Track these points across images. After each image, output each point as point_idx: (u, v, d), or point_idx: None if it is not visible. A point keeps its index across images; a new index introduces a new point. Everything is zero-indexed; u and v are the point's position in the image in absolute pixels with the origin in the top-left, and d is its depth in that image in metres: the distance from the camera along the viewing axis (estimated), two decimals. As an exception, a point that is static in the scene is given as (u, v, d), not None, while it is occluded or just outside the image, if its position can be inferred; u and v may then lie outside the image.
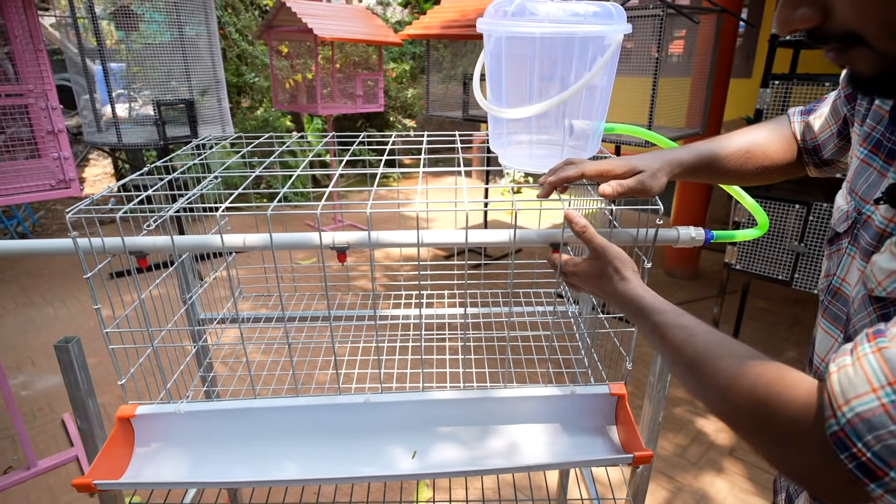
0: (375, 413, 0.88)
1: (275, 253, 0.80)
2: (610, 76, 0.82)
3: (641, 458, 0.78)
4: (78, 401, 0.85)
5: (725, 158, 0.78)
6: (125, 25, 3.84)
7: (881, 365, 0.39)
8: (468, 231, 0.78)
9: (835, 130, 0.71)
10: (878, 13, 0.40)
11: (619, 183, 0.74)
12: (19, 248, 0.80)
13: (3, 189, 1.54)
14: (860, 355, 0.41)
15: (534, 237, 0.82)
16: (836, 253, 0.61)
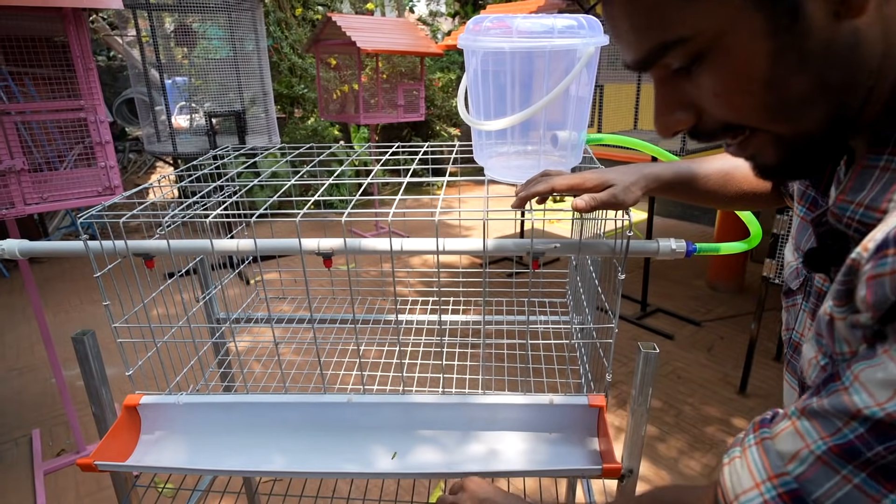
0: (358, 413, 0.91)
1: (304, 258, 0.85)
2: (588, 87, 0.83)
3: (610, 470, 0.78)
4: (92, 388, 0.94)
5: (705, 178, 0.77)
6: (184, 42, 4.10)
7: (762, 458, 0.40)
8: (444, 240, 0.81)
9: None
10: (754, 103, 0.41)
11: (591, 197, 0.74)
12: (40, 249, 0.89)
13: (59, 195, 1.70)
14: (745, 447, 0.42)
15: (510, 247, 0.83)
16: (791, 308, 0.59)
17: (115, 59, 7.80)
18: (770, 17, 0.38)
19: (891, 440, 0.33)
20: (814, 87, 0.40)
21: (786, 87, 0.40)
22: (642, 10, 0.40)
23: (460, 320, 1.23)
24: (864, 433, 0.34)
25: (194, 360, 1.08)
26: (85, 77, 1.58)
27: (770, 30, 0.38)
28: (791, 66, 0.39)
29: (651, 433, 2.28)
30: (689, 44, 0.40)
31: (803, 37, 0.38)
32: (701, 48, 0.40)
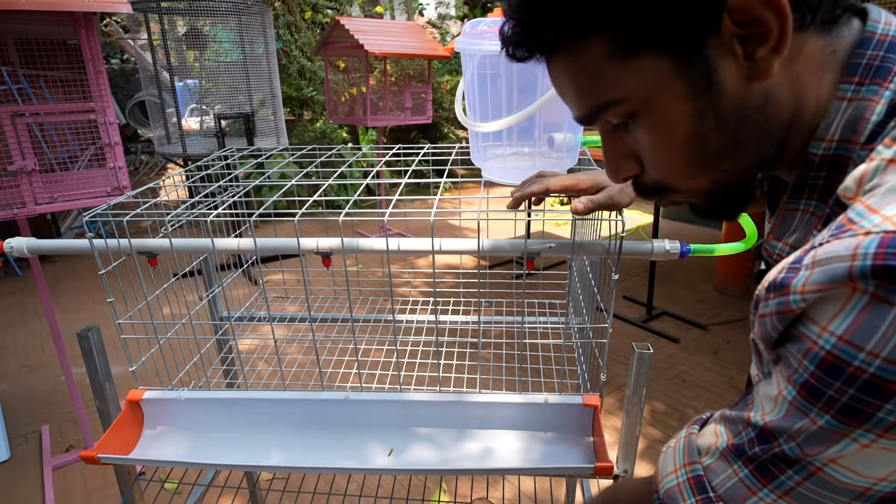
0: (356, 410, 0.93)
1: (303, 257, 0.87)
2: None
3: (602, 468, 0.79)
4: (96, 383, 0.96)
5: None
6: (195, 45, 4.16)
7: (684, 449, 0.48)
8: (440, 240, 0.82)
9: None
10: (677, 159, 0.46)
11: (589, 199, 0.76)
12: (47, 247, 0.91)
13: (69, 195, 1.73)
14: (678, 439, 0.50)
15: (506, 247, 0.85)
16: None
17: (128, 62, 7.92)
18: (689, 81, 0.41)
19: (766, 444, 0.40)
20: (728, 144, 0.44)
21: (704, 145, 0.44)
22: (580, 75, 0.44)
23: (459, 320, 1.24)
24: (753, 437, 0.41)
25: (196, 357, 1.10)
26: (95, 79, 1.61)
27: (689, 94, 0.42)
28: (709, 125, 0.43)
29: (654, 436, 2.27)
30: (621, 105, 0.44)
31: (718, 99, 0.42)
32: (632, 109, 0.44)
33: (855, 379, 0.34)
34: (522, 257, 0.83)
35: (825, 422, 0.36)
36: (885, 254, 0.32)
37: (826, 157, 0.44)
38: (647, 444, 2.23)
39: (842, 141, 0.42)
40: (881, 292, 0.32)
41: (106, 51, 7.32)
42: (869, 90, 0.41)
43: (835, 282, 0.34)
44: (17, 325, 3.31)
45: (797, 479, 0.39)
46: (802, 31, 0.42)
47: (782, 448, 0.39)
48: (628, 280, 3.89)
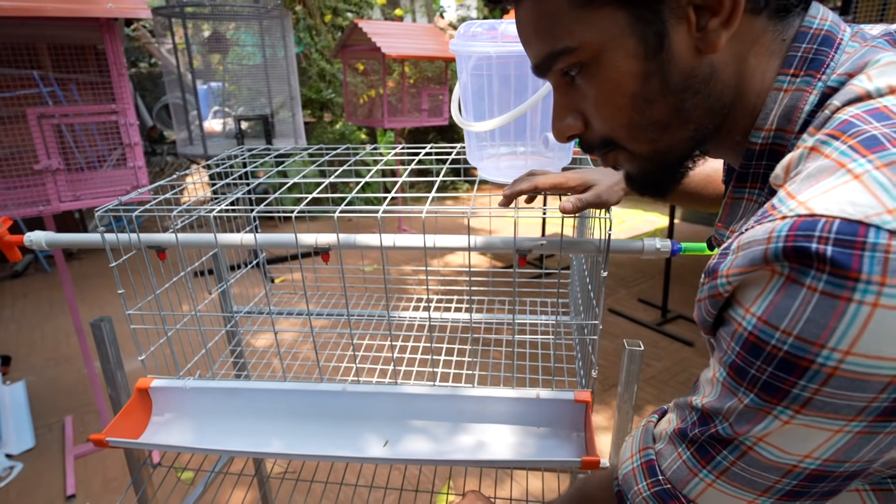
0: (353, 401, 0.95)
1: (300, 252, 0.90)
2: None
3: (589, 462, 0.80)
4: (108, 372, 1.00)
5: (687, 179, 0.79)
6: (217, 49, 4.26)
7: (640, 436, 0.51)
8: (434, 237, 0.85)
9: None
10: (621, 118, 0.47)
11: (577, 198, 0.77)
12: (64, 240, 0.96)
13: (92, 193, 1.80)
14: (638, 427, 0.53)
15: (498, 244, 0.86)
16: None
17: (155, 65, 8.12)
18: (642, 40, 0.43)
19: (705, 425, 0.42)
20: (672, 112, 0.46)
21: (649, 109, 0.46)
22: (541, 18, 0.46)
23: (451, 318, 1.26)
24: (695, 420, 0.44)
25: (203, 351, 1.14)
26: (118, 82, 1.68)
27: (640, 53, 0.43)
28: (655, 89, 0.44)
29: (664, 439, 2.25)
30: (574, 53, 0.45)
31: (667, 64, 0.43)
32: (583, 59, 0.45)
33: (772, 357, 0.35)
34: (537, 260, 0.85)
35: (750, 400, 0.38)
36: (795, 236, 0.33)
37: (765, 146, 0.45)
38: (656, 447, 2.21)
39: (779, 130, 0.44)
40: (794, 274, 0.34)
41: (135, 55, 7.53)
42: (803, 81, 0.43)
43: (753, 264, 0.36)
44: (44, 320, 3.43)
45: (731, 458, 0.41)
46: (755, 15, 0.43)
47: (717, 429, 0.41)
48: (644, 283, 3.86)
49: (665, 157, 0.49)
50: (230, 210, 0.94)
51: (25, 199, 1.72)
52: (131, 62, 7.34)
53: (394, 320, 1.23)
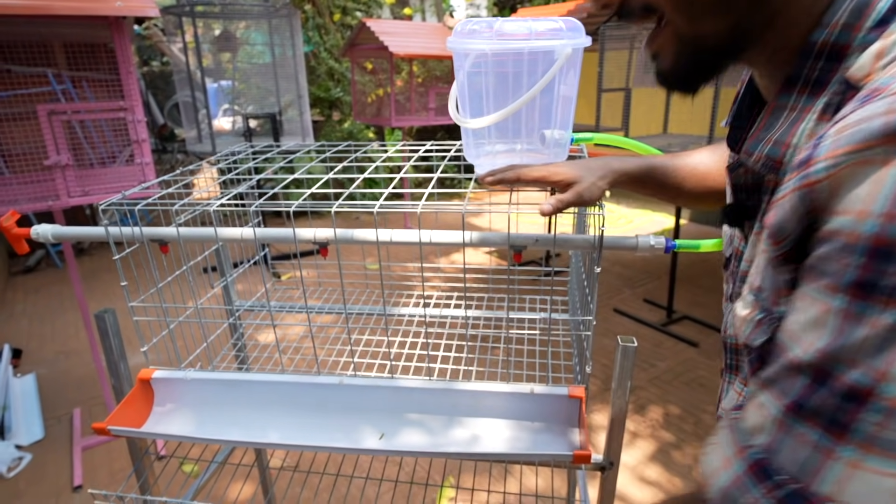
0: (349, 394, 0.96)
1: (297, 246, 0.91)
2: (574, 87, 0.86)
3: (580, 456, 0.81)
4: (112, 363, 1.02)
5: (673, 173, 0.77)
6: (227, 48, 4.30)
7: (730, 438, 0.39)
8: (430, 233, 0.86)
9: None
10: None
11: (557, 199, 0.75)
12: (70, 233, 0.98)
13: (101, 188, 1.83)
14: (719, 432, 0.42)
15: (493, 239, 0.87)
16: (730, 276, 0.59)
17: (167, 64, 8.20)
18: None
19: (825, 383, 0.32)
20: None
21: None
22: None
23: (458, 314, 1.26)
24: (807, 383, 0.33)
25: (204, 345, 1.15)
26: (126, 79, 1.70)
27: None
28: None
29: (667, 440, 2.25)
30: None
31: None
32: None
33: None
34: (543, 259, 0.85)
35: (893, 316, 0.29)
36: None
37: (825, 45, 0.42)
38: (658, 447, 2.21)
39: (845, 26, 0.40)
40: None
41: (147, 54, 7.60)
42: None
43: (867, 140, 0.30)
44: (55, 314, 3.48)
45: (879, 417, 0.29)
46: None
47: (847, 379, 0.31)
48: (650, 283, 3.84)
49: (700, 46, 0.46)
50: (231, 204, 0.96)
51: (36, 194, 1.75)
52: (143, 61, 7.41)
53: (391, 316, 1.24)
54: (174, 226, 0.95)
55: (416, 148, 1.16)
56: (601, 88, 3.07)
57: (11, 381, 2.59)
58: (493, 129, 0.91)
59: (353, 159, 1.15)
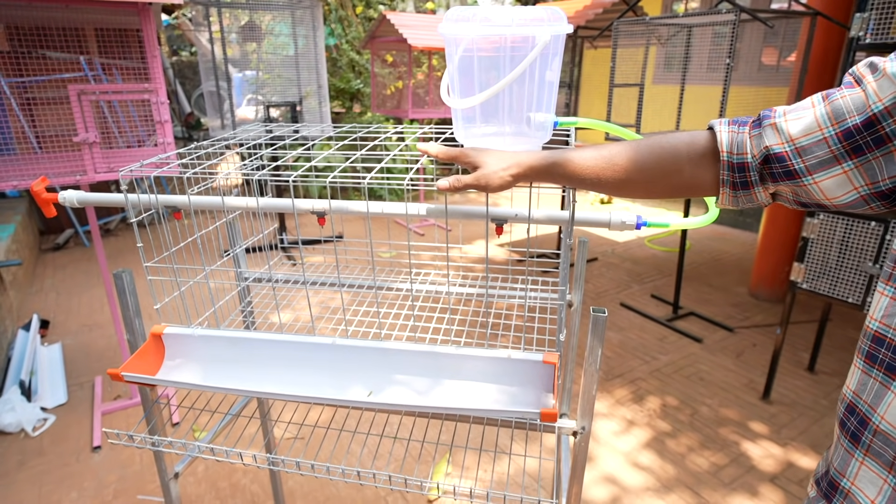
0: (342, 354, 1.04)
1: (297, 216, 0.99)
2: (557, 73, 0.93)
3: (547, 414, 0.87)
4: (128, 319, 1.12)
5: (582, 166, 0.73)
6: (252, 38, 4.42)
7: None
8: (417, 205, 0.93)
9: (836, 132, 0.57)
10: None
11: (456, 178, 0.77)
12: (93, 199, 1.07)
13: (123, 165, 1.94)
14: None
15: (474, 213, 0.94)
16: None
17: (195, 54, 8.40)
18: None
19: None
20: None
21: None
22: None
23: (443, 289, 1.33)
24: None
25: (213, 309, 1.24)
26: (151, 63, 1.80)
27: None
28: None
29: (663, 429, 2.29)
30: None
31: None
32: None
33: None
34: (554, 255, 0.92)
35: None
36: None
37: None
38: (654, 436, 2.25)
39: None
40: None
41: (177, 44, 7.80)
42: None
43: None
44: (81, 290, 3.65)
45: None
46: None
47: None
48: (659, 280, 3.86)
49: None
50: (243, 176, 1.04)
51: (65, 169, 1.86)
52: (172, 51, 7.61)
53: (381, 289, 1.31)
54: (193, 192, 1.04)
55: (413, 130, 1.23)
56: (613, 84, 3.10)
57: (39, 349, 2.74)
58: (480, 111, 0.98)
59: (355, 138, 1.22)
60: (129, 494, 1.92)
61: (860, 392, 0.59)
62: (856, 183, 0.58)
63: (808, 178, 0.60)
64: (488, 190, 0.76)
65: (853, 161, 0.57)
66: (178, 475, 1.28)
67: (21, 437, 2.21)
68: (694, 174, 0.68)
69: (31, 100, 2.53)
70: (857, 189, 0.58)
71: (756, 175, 0.64)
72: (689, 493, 1.94)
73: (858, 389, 0.60)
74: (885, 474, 0.55)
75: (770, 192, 0.66)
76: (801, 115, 0.60)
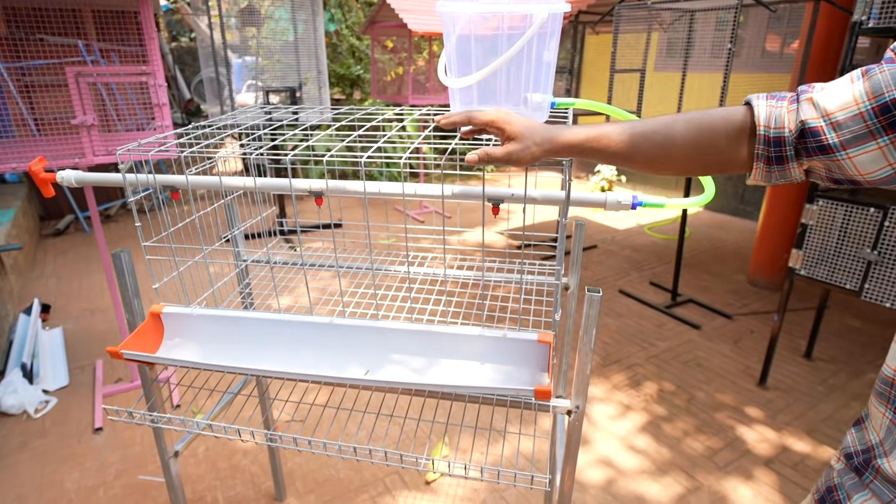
0: (339, 333, 1.05)
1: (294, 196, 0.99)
2: (551, 52, 0.92)
3: (541, 392, 0.88)
4: (126, 299, 1.13)
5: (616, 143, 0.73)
6: (250, 23, 4.39)
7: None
8: (414, 186, 0.93)
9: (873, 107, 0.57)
10: None
11: (485, 152, 0.76)
12: (91, 178, 1.08)
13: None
14: None
15: (473, 193, 0.94)
16: None
17: (195, 40, 8.35)
18: None
19: None
20: None
21: None
22: None
23: (439, 272, 1.34)
24: None
25: (212, 290, 1.25)
26: (149, 45, 1.80)
27: None
28: None
29: (659, 413, 2.31)
30: None
31: None
32: None
33: None
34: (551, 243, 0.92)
35: None
36: None
37: None
38: (650, 420, 2.27)
39: None
40: None
41: (176, 29, 7.75)
42: None
43: None
44: (82, 275, 3.66)
45: None
46: None
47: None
48: (658, 267, 3.86)
49: None
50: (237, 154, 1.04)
51: (63, 152, 1.86)
52: (172, 36, 7.56)
53: (378, 271, 1.32)
54: (191, 172, 1.04)
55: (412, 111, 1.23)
56: (613, 69, 3.08)
57: (40, 332, 2.76)
58: (477, 92, 0.98)
59: (353, 119, 1.22)
60: (130, 474, 1.94)
61: None
62: (891, 158, 0.57)
63: (841, 153, 0.60)
64: (516, 165, 0.75)
65: (889, 136, 0.56)
66: (177, 454, 1.30)
67: (23, 419, 2.23)
68: (730, 149, 0.68)
69: (30, 84, 2.52)
70: (892, 165, 0.58)
71: (791, 150, 0.63)
72: (683, 476, 1.96)
73: None
74: None
75: (804, 168, 0.65)
76: (839, 90, 0.60)
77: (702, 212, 5.22)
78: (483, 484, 1.91)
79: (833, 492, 0.67)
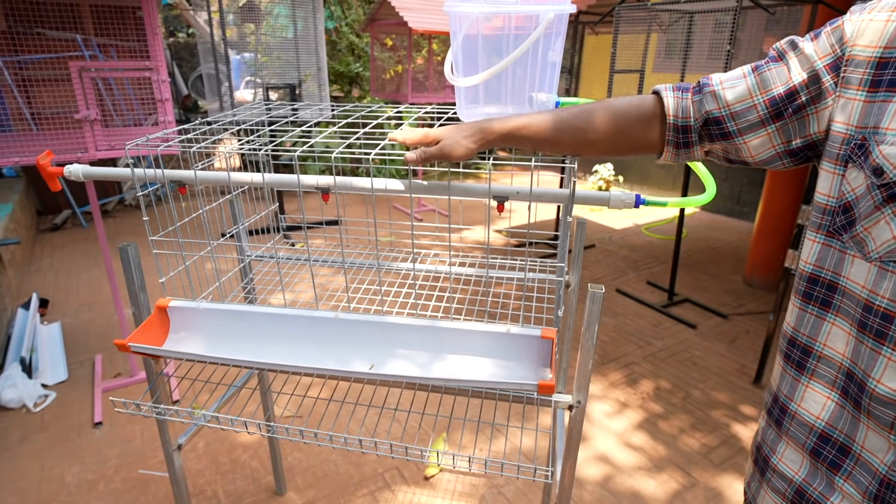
0: (344, 328, 1.06)
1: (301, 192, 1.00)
2: (557, 52, 0.94)
3: (544, 386, 0.89)
4: (132, 293, 1.13)
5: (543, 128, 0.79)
6: (250, 19, 4.38)
7: None
8: (416, 182, 0.94)
9: (764, 100, 0.66)
10: None
11: (422, 150, 0.82)
12: (98, 172, 1.08)
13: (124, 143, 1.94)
14: None
15: (477, 190, 0.95)
16: None
17: (193, 36, 8.32)
18: None
19: None
20: None
21: None
22: None
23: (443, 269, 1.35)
24: None
25: (217, 284, 1.26)
26: (152, 41, 1.80)
27: None
28: None
29: (656, 411, 2.33)
30: None
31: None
32: None
33: None
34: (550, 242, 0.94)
35: None
36: None
37: None
38: (646, 417, 2.29)
39: None
40: None
41: (174, 24, 7.72)
42: None
43: None
44: (80, 270, 3.65)
45: None
46: None
47: None
48: (655, 267, 3.89)
49: None
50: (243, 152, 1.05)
51: (66, 147, 1.87)
52: (169, 32, 7.53)
53: (382, 267, 1.33)
54: (198, 167, 1.05)
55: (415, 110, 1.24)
56: (613, 69, 3.10)
57: (39, 327, 2.76)
58: (483, 91, 0.99)
59: (355, 117, 1.23)
60: (130, 469, 1.95)
61: (798, 326, 0.68)
62: (774, 142, 0.68)
63: (739, 139, 0.70)
64: (452, 158, 0.81)
65: (775, 125, 0.67)
66: (181, 447, 1.31)
67: (23, 413, 2.24)
68: (643, 134, 0.76)
69: (28, 78, 2.52)
70: (774, 147, 0.68)
71: (696, 136, 0.73)
72: (679, 473, 1.98)
73: (797, 324, 0.68)
74: (827, 392, 0.65)
75: (704, 150, 0.75)
76: (736, 84, 0.69)
77: (698, 212, 5.25)
78: (481, 480, 1.92)
79: (760, 449, 0.76)
